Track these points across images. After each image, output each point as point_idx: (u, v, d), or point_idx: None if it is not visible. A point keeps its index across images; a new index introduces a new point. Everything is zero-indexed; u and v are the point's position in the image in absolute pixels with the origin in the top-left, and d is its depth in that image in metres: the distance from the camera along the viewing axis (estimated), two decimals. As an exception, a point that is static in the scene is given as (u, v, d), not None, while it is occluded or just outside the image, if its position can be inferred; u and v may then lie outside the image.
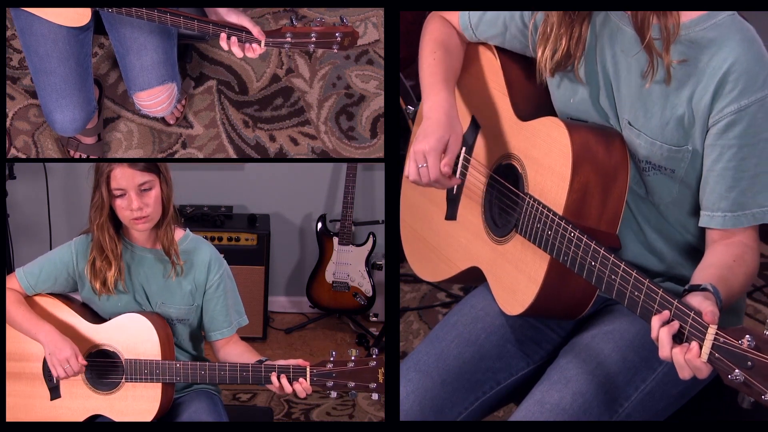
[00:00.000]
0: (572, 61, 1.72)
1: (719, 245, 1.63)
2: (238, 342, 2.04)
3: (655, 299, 1.46)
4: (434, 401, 1.78)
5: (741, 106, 1.56)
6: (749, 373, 1.31)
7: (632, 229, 1.77)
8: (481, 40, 1.92)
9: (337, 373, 1.81)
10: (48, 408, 1.97)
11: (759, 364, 1.30)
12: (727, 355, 1.34)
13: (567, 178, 1.65)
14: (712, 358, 1.37)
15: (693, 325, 1.40)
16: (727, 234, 1.63)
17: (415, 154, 1.76)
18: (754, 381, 1.31)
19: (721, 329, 1.36)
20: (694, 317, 1.40)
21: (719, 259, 1.60)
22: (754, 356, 1.30)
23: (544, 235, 1.68)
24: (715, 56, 1.57)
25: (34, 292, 1.99)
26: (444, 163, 1.74)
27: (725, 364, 1.34)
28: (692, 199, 1.71)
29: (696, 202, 1.70)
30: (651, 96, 1.64)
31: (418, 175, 1.76)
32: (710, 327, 1.37)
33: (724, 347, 1.35)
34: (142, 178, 1.88)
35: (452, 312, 1.91)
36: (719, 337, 1.35)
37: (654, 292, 1.47)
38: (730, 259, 1.59)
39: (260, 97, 3.01)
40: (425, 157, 1.74)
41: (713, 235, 1.65)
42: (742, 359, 1.32)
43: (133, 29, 2.32)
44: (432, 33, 1.94)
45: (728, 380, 1.34)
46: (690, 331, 1.40)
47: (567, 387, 1.70)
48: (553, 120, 1.73)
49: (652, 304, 1.47)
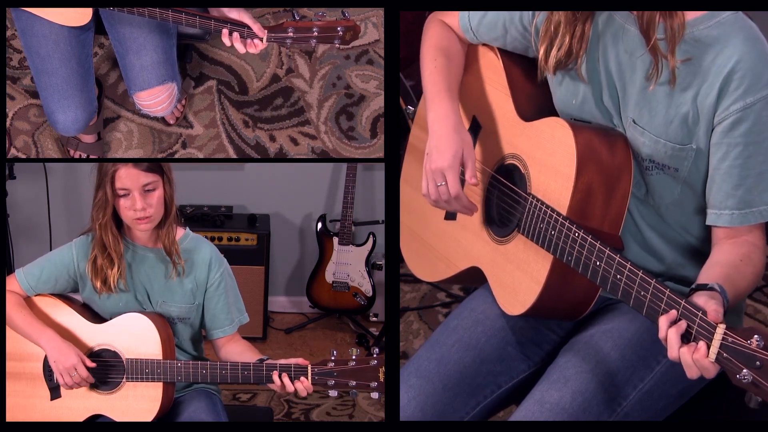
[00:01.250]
0: (574, 58, 1.72)
1: (726, 244, 1.63)
2: (240, 340, 2.04)
3: (662, 299, 1.46)
4: (436, 407, 1.78)
5: (747, 104, 1.56)
6: (758, 373, 1.31)
7: (630, 230, 1.77)
8: (483, 42, 1.92)
9: (338, 372, 1.81)
10: (48, 408, 1.97)
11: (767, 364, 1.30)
12: (736, 355, 1.34)
13: (571, 179, 1.65)
14: (720, 358, 1.36)
15: (701, 324, 1.40)
16: (733, 232, 1.63)
17: (433, 173, 1.77)
18: (763, 381, 1.30)
19: (729, 329, 1.36)
20: (702, 317, 1.39)
21: (726, 257, 1.60)
22: (764, 356, 1.30)
23: (548, 235, 1.68)
24: (720, 54, 1.57)
25: (34, 293, 1.99)
26: (470, 175, 1.75)
27: (734, 364, 1.34)
28: (694, 200, 1.71)
29: (697, 202, 1.70)
30: (656, 94, 1.64)
31: (438, 193, 1.77)
32: (719, 327, 1.37)
33: (732, 347, 1.34)
34: (146, 178, 1.88)
35: (452, 316, 1.91)
36: (728, 337, 1.35)
37: (661, 292, 1.46)
38: (737, 258, 1.59)
39: (260, 97, 3.01)
40: (444, 175, 1.75)
41: (720, 233, 1.65)
42: (751, 359, 1.32)
43: (132, 29, 2.32)
44: (432, 38, 1.94)
45: (736, 380, 1.34)
46: (698, 331, 1.40)
47: (566, 386, 1.70)
48: (557, 120, 1.73)
49: (659, 304, 1.46)
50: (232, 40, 2.11)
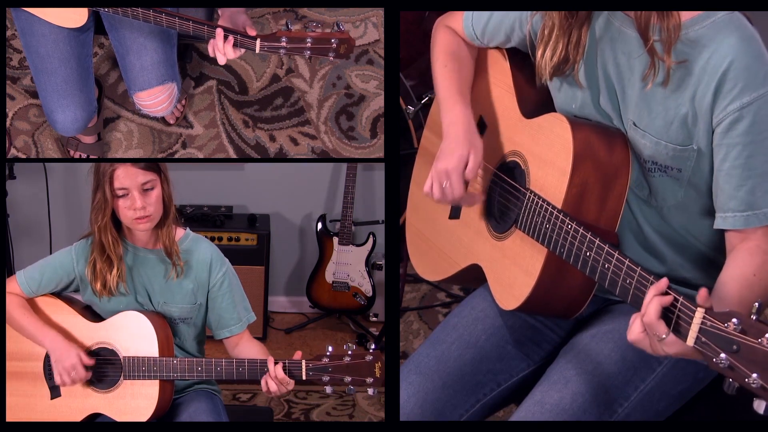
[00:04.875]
0: (571, 65, 1.72)
1: (740, 252, 1.60)
2: (251, 341, 2.03)
3: (647, 285, 1.46)
4: (435, 404, 1.78)
5: (743, 104, 1.55)
6: (735, 357, 1.30)
7: (632, 230, 1.77)
8: (490, 46, 1.93)
9: (333, 368, 1.81)
10: (48, 407, 1.97)
11: (744, 347, 1.29)
12: (714, 339, 1.33)
13: (567, 173, 1.66)
14: (698, 343, 1.36)
15: (682, 308, 1.39)
16: (744, 236, 1.61)
17: (438, 173, 1.80)
18: (739, 365, 1.29)
19: (708, 312, 1.35)
20: (684, 300, 1.39)
21: (740, 271, 1.57)
22: (741, 339, 1.29)
23: (543, 228, 1.68)
24: (714, 55, 1.57)
25: (35, 295, 2.00)
26: (469, 169, 1.79)
27: (711, 348, 1.33)
28: (698, 203, 1.70)
29: (701, 205, 1.70)
30: (655, 96, 1.64)
31: (442, 193, 1.80)
32: (698, 310, 1.36)
33: (710, 330, 1.34)
34: (144, 177, 1.88)
35: (452, 314, 1.91)
36: (706, 321, 1.34)
37: (645, 278, 1.46)
38: (750, 273, 1.56)
39: (260, 97, 3.01)
40: (448, 175, 1.79)
41: (731, 239, 1.63)
42: (729, 343, 1.31)
43: (133, 30, 2.32)
44: (441, 44, 1.96)
45: (713, 364, 1.33)
46: (678, 314, 1.39)
47: (566, 387, 1.70)
48: (556, 116, 1.73)
49: (644, 290, 1.46)
50: (223, 46, 2.07)
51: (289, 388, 1.83)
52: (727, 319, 1.32)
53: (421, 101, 2.66)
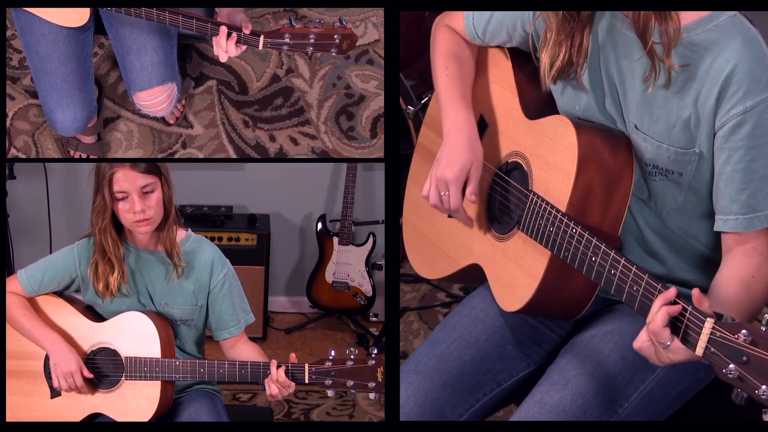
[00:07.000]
0: (575, 68, 1.72)
1: (737, 255, 1.61)
2: (248, 343, 2.03)
3: (654, 293, 1.46)
4: (435, 404, 1.78)
5: (746, 108, 1.55)
6: (744, 368, 1.30)
7: (632, 232, 1.77)
8: (492, 46, 1.93)
9: (335, 372, 1.81)
10: (48, 406, 1.97)
11: (754, 358, 1.29)
12: (723, 350, 1.33)
13: (572, 176, 1.66)
14: (707, 353, 1.36)
15: (691, 317, 1.39)
16: (742, 239, 1.61)
17: (438, 181, 1.80)
18: (749, 376, 1.29)
19: (718, 323, 1.35)
20: (693, 310, 1.39)
21: (738, 272, 1.58)
22: (750, 351, 1.29)
23: (546, 231, 1.68)
24: (718, 58, 1.56)
25: (36, 294, 2.00)
26: (470, 191, 1.79)
27: (720, 359, 1.33)
28: (698, 207, 1.70)
29: (701, 209, 1.70)
30: (656, 99, 1.64)
31: (440, 201, 1.81)
32: (707, 321, 1.36)
33: (720, 341, 1.34)
34: (144, 180, 1.88)
35: (452, 313, 1.91)
36: (716, 331, 1.35)
37: (653, 287, 1.46)
38: (748, 274, 1.57)
39: (260, 97, 3.01)
40: (447, 185, 1.79)
41: (729, 241, 1.63)
42: (738, 354, 1.31)
43: (132, 29, 2.32)
44: (442, 45, 1.95)
45: (722, 375, 1.33)
46: (687, 322, 1.40)
47: (567, 387, 1.70)
48: (561, 118, 1.73)
49: (651, 298, 1.46)
50: (225, 44, 2.08)
51: (290, 391, 1.84)
52: (737, 330, 1.32)
53: (421, 101, 2.66)
